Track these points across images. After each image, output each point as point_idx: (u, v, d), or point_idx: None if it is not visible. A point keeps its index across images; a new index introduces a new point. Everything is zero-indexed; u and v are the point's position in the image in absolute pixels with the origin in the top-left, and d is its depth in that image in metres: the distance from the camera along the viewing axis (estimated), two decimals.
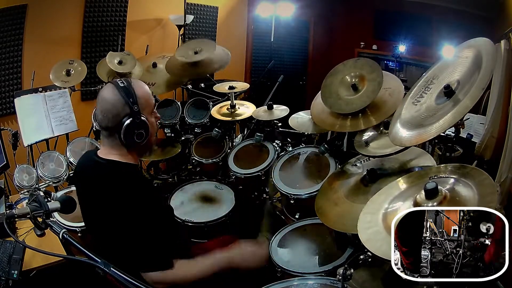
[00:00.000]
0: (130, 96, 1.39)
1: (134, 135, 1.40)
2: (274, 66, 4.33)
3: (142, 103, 1.42)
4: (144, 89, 1.46)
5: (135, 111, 1.38)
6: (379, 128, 1.95)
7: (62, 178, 2.61)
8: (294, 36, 6.02)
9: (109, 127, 1.41)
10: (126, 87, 1.40)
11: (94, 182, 1.44)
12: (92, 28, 4.03)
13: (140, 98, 1.42)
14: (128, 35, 4.28)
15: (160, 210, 1.49)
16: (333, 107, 2.05)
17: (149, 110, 1.47)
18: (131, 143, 1.42)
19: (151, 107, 1.48)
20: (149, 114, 1.47)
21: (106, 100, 1.40)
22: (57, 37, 3.79)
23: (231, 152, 2.71)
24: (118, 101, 1.38)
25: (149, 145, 1.51)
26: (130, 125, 1.39)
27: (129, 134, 1.40)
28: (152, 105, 1.48)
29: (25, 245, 1.27)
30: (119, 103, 1.38)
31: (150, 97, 1.48)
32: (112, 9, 4.13)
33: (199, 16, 4.88)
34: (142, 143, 1.45)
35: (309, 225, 2.06)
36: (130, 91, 1.39)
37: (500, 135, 2.73)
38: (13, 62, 3.55)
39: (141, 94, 1.43)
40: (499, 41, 2.80)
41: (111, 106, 1.39)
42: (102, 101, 1.41)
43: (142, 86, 1.47)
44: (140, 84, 1.48)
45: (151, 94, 1.50)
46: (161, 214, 1.47)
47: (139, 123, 1.40)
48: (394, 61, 4.99)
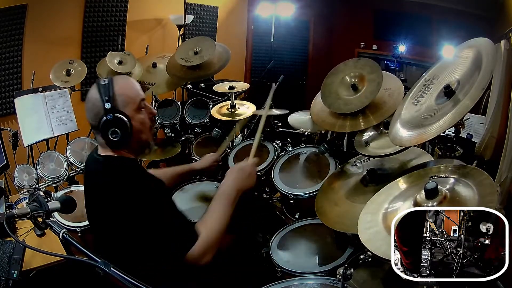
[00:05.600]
0: (107, 94, 1.36)
1: (108, 133, 1.37)
2: (274, 66, 4.33)
3: (123, 100, 1.38)
4: (127, 86, 1.42)
5: (107, 108, 1.35)
6: (379, 128, 1.95)
7: (62, 178, 2.61)
8: (294, 36, 6.02)
9: (93, 125, 1.42)
10: (105, 85, 1.38)
11: (95, 179, 1.44)
12: (92, 28, 4.03)
13: (121, 95, 1.38)
14: (128, 35, 4.27)
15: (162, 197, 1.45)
16: (332, 106, 2.05)
17: (133, 107, 1.41)
18: (109, 142, 1.39)
19: (136, 104, 1.42)
20: (134, 111, 1.41)
21: (88, 99, 1.41)
22: (57, 37, 3.79)
23: (231, 152, 2.71)
24: (97, 99, 1.38)
25: (140, 142, 1.46)
26: (104, 123, 1.37)
27: (105, 132, 1.38)
28: (137, 101, 1.42)
29: (25, 245, 1.27)
30: (97, 101, 1.37)
31: (134, 93, 1.43)
32: (112, 9, 4.13)
33: (199, 16, 4.88)
34: (123, 141, 1.39)
35: (309, 225, 2.06)
36: (108, 88, 1.37)
37: (500, 135, 2.74)
38: (13, 62, 3.54)
39: (122, 91, 1.39)
40: (499, 41, 2.81)
41: (91, 105, 1.39)
42: (87, 100, 1.42)
43: (125, 82, 1.43)
44: (124, 80, 1.44)
45: (136, 89, 1.44)
46: (164, 201, 1.44)
47: (112, 120, 1.36)
48: (394, 61, 4.99)
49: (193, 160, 2.81)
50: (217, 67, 3.03)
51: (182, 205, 2.49)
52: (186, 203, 2.53)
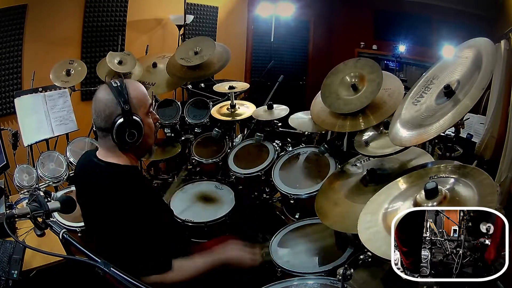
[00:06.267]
0: (122, 96, 1.37)
1: (125, 135, 1.39)
2: (274, 66, 4.32)
3: (135, 103, 1.40)
4: (139, 89, 1.45)
5: (126, 110, 1.37)
6: (379, 128, 1.95)
7: (62, 178, 2.61)
8: (294, 36, 6.01)
9: (102, 127, 1.41)
10: (119, 87, 1.39)
11: (94, 185, 1.43)
12: (92, 28, 4.02)
13: (134, 98, 1.40)
14: (128, 35, 4.27)
15: (159, 213, 1.48)
16: (332, 106, 2.06)
17: (144, 111, 1.45)
18: (123, 143, 1.40)
19: (147, 108, 1.46)
20: (145, 115, 1.45)
21: (99, 100, 1.40)
22: (57, 37, 3.79)
23: (231, 152, 2.71)
24: (111, 101, 1.37)
25: (146, 146, 1.49)
26: (121, 125, 1.37)
27: (120, 133, 1.38)
28: (147, 105, 1.46)
29: (25, 245, 1.27)
30: (111, 103, 1.37)
31: (145, 97, 1.46)
32: (112, 9, 4.13)
33: (199, 16, 4.88)
34: (135, 144, 1.42)
35: (309, 225, 2.06)
36: (122, 91, 1.38)
37: (500, 135, 2.74)
38: (13, 62, 3.54)
39: (135, 94, 1.41)
40: (499, 41, 2.80)
41: (104, 106, 1.38)
42: (96, 101, 1.41)
43: (137, 87, 1.45)
44: (135, 84, 1.46)
45: (146, 94, 1.47)
46: (160, 217, 1.47)
47: (130, 122, 1.38)
48: (394, 61, 4.99)
49: (193, 160, 2.82)
50: (217, 67, 3.03)
51: (182, 205, 2.51)
52: (186, 203, 2.53)
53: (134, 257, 1.34)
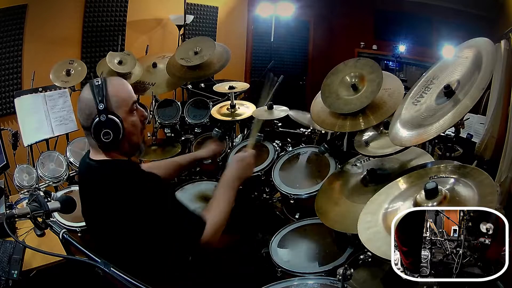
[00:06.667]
0: (100, 95, 1.35)
1: (100, 135, 1.36)
2: (274, 66, 4.32)
3: (115, 101, 1.37)
4: (120, 87, 1.41)
5: (100, 109, 1.34)
6: (379, 128, 1.95)
7: (62, 178, 2.61)
8: (294, 36, 6.02)
9: (85, 126, 1.40)
10: (99, 85, 1.37)
11: (90, 185, 1.43)
12: (92, 28, 4.03)
13: (114, 96, 1.37)
14: (128, 35, 4.28)
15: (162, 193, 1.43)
16: (332, 106, 2.05)
17: (126, 109, 1.40)
18: (101, 143, 1.38)
19: (129, 106, 1.41)
20: (127, 113, 1.40)
21: (81, 99, 1.39)
22: (57, 37, 3.79)
23: (231, 152, 2.71)
24: (90, 100, 1.36)
25: (130, 144, 1.44)
26: (96, 124, 1.35)
27: (97, 133, 1.36)
28: (129, 103, 1.41)
29: (25, 245, 1.26)
30: (91, 102, 1.36)
31: (127, 95, 1.42)
32: (112, 9, 4.13)
33: (199, 16, 4.88)
34: (113, 143, 1.38)
35: (309, 225, 2.06)
36: (100, 90, 1.36)
37: (500, 135, 2.74)
38: (13, 62, 3.55)
39: (115, 92, 1.38)
40: (499, 41, 2.80)
41: (84, 105, 1.38)
42: (80, 100, 1.40)
43: (118, 84, 1.42)
44: (117, 81, 1.43)
45: (129, 91, 1.44)
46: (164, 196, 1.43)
47: (105, 122, 1.35)
48: (394, 61, 5.00)
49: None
50: (217, 67, 3.03)
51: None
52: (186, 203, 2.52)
53: (167, 238, 1.35)
